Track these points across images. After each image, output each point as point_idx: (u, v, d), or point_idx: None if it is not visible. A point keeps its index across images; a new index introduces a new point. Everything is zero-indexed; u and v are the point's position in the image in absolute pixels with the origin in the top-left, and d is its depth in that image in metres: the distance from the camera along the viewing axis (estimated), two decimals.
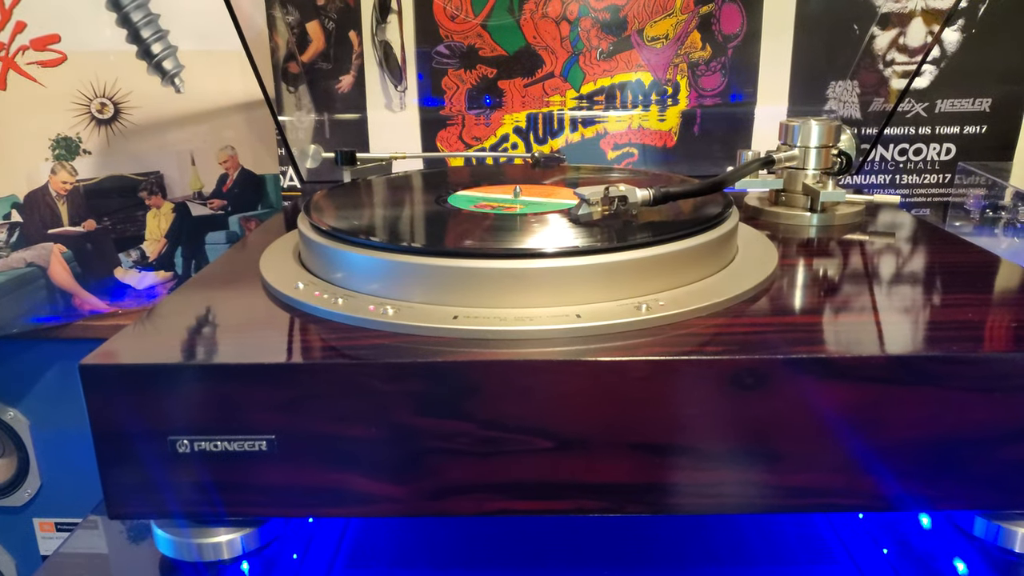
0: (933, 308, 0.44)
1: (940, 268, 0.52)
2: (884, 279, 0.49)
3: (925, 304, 0.45)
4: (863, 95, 0.87)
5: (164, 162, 0.84)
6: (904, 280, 0.49)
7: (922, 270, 0.51)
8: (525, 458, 0.39)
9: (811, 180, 0.62)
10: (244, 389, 0.38)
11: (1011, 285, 0.48)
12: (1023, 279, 0.48)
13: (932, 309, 0.44)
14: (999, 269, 0.51)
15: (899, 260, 0.53)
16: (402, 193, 0.62)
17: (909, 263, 0.53)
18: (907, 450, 0.38)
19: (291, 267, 0.51)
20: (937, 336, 0.40)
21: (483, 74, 0.87)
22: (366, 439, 0.39)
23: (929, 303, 0.45)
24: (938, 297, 0.46)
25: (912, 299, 0.45)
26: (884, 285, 0.48)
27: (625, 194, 0.47)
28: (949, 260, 0.53)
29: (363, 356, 0.38)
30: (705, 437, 0.39)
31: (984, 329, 0.41)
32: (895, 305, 0.45)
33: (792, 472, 0.39)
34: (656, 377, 0.38)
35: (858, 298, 0.46)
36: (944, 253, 0.55)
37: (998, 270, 0.50)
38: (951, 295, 0.46)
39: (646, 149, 0.90)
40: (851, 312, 0.44)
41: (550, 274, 0.42)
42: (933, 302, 0.45)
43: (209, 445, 0.39)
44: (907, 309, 0.44)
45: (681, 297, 0.43)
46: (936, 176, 0.90)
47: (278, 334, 0.42)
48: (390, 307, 0.42)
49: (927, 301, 0.45)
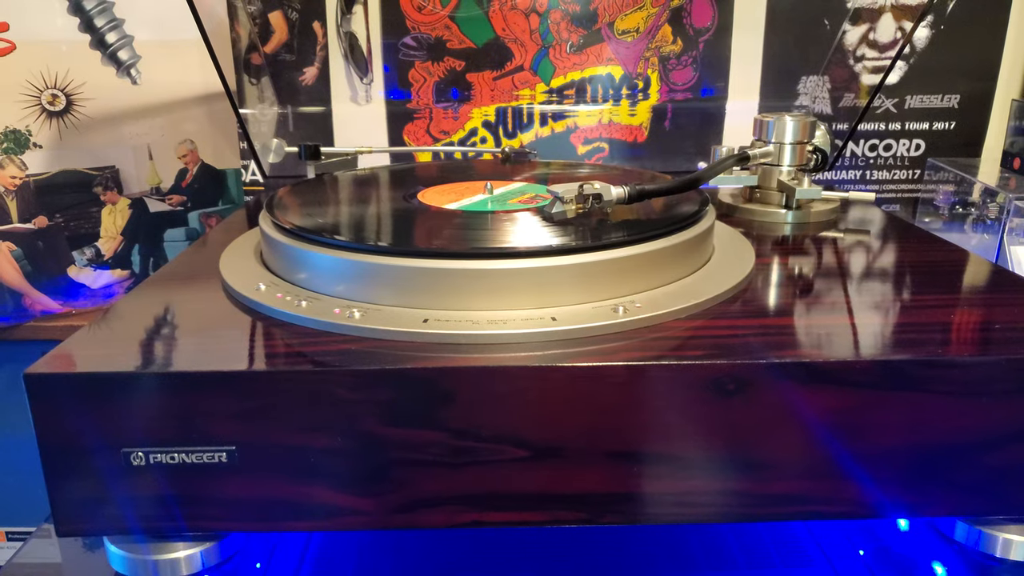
0: (914, 309, 0.43)
1: (919, 268, 0.51)
2: (863, 279, 0.49)
3: (906, 305, 0.44)
4: (834, 90, 0.87)
5: (120, 156, 0.81)
6: (883, 280, 0.48)
7: (901, 270, 0.51)
8: (499, 468, 0.37)
9: (786, 177, 0.61)
10: (202, 398, 0.36)
11: (992, 286, 0.47)
12: (1004, 280, 0.48)
13: (913, 310, 0.43)
14: (978, 269, 0.50)
15: (877, 259, 0.53)
16: (369, 190, 0.60)
17: (888, 263, 0.52)
18: (889, 456, 0.38)
19: (252, 267, 0.49)
20: (919, 339, 0.39)
21: (451, 67, 0.85)
22: (332, 450, 0.37)
23: (910, 304, 0.44)
24: (918, 298, 0.45)
25: (892, 300, 0.45)
26: (863, 285, 0.47)
27: (600, 192, 0.46)
28: (927, 259, 0.52)
29: (328, 362, 0.37)
30: (684, 444, 0.38)
31: (967, 331, 0.40)
32: (875, 306, 0.44)
33: (773, 480, 0.38)
34: (634, 383, 0.36)
35: (837, 299, 0.45)
36: (922, 252, 0.54)
37: (978, 270, 0.50)
38: (931, 296, 0.46)
39: (616, 144, 0.89)
40: (831, 314, 0.43)
41: (524, 275, 0.41)
42: (913, 303, 0.44)
43: (166, 457, 0.37)
44: (887, 310, 0.43)
45: (658, 298, 0.42)
46: (906, 172, 0.90)
47: (238, 339, 0.40)
48: (357, 310, 0.41)
49: (908, 302, 0.45)
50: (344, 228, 0.48)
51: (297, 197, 0.55)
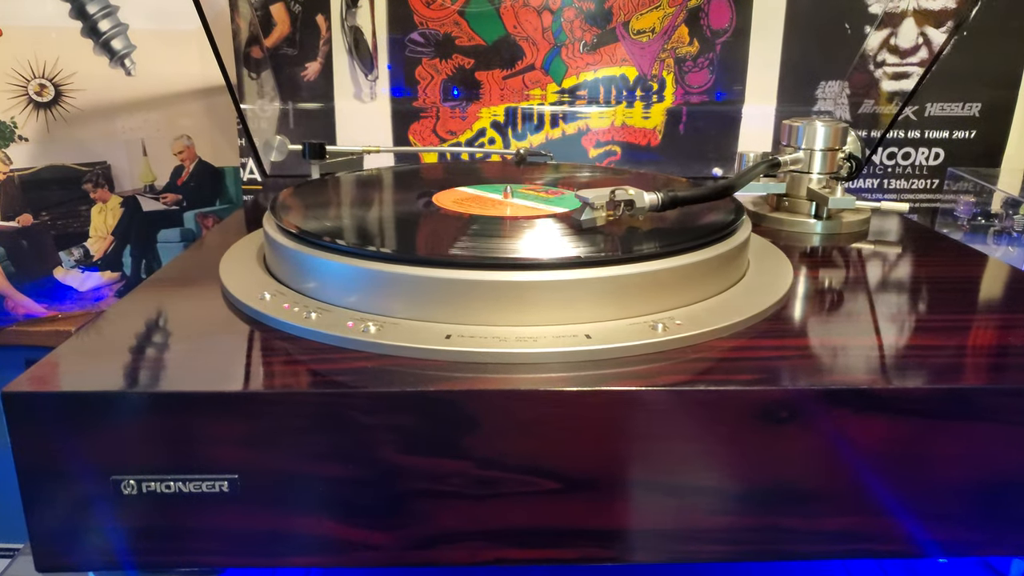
0: (975, 331, 0.40)
1: (970, 285, 0.48)
2: (910, 296, 0.45)
3: (964, 326, 0.41)
4: (853, 96, 0.84)
5: (112, 152, 0.78)
6: (934, 297, 0.45)
7: (952, 287, 0.47)
8: (527, 501, 0.34)
9: (816, 185, 0.58)
10: (202, 421, 0.33)
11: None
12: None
13: (974, 332, 0.40)
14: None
15: (921, 274, 0.49)
16: (380, 191, 0.56)
17: (933, 277, 0.49)
18: (952, 491, 0.35)
19: (255, 274, 0.45)
20: (986, 364, 0.36)
21: (459, 64, 0.82)
22: (344, 479, 0.34)
23: (969, 325, 0.41)
24: (976, 318, 0.42)
25: (948, 320, 0.42)
26: (912, 302, 0.44)
27: (633, 198, 0.43)
28: (972, 274, 0.49)
29: (341, 383, 0.34)
30: (728, 476, 0.35)
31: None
32: (929, 326, 0.41)
33: (822, 515, 0.35)
34: (678, 409, 0.33)
35: (887, 317, 0.42)
36: (968, 267, 0.51)
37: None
38: (990, 316, 0.42)
39: (629, 147, 0.85)
40: (883, 334, 0.40)
41: (555, 288, 0.38)
42: (973, 324, 0.41)
43: (160, 486, 0.34)
44: (945, 331, 0.40)
45: (699, 315, 0.39)
46: (924, 181, 0.87)
47: (241, 355, 0.37)
48: (372, 324, 0.37)
49: (966, 323, 0.41)
50: (358, 233, 0.44)
51: (304, 198, 0.51)
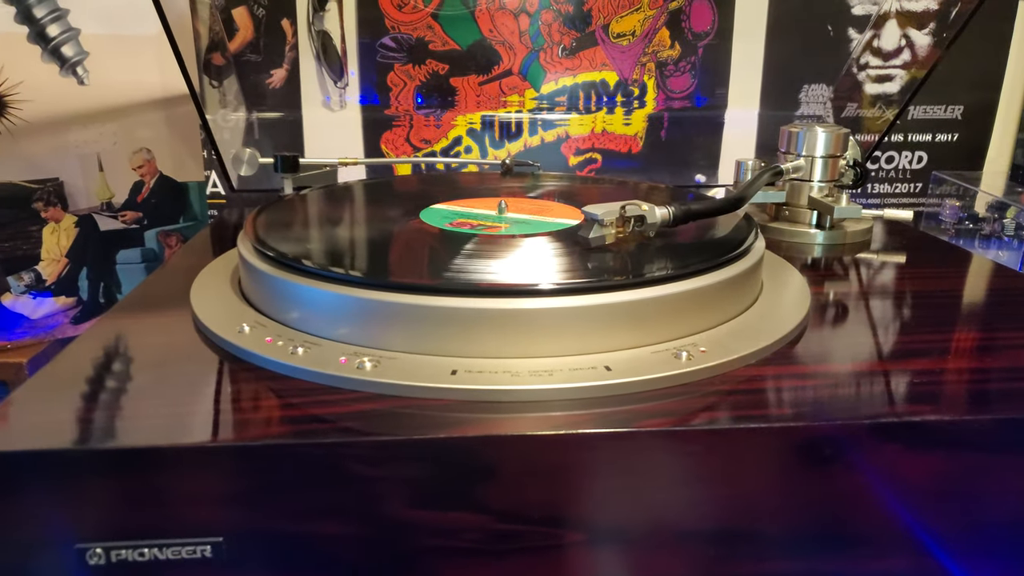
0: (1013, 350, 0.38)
1: (1002, 298, 0.45)
2: (942, 313, 0.43)
3: (1011, 345, 0.38)
4: (836, 100, 0.83)
5: (64, 167, 0.73)
6: (967, 314, 0.42)
7: (983, 301, 0.45)
8: (551, 555, 0.31)
9: (817, 193, 0.56)
10: (178, 478, 0.29)
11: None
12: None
13: (1014, 351, 0.38)
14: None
15: (946, 288, 0.47)
16: (364, 208, 0.52)
17: (960, 292, 0.46)
18: (1012, 530, 0.32)
19: (231, 302, 0.41)
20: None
21: (433, 70, 0.79)
22: (345, 537, 0.30)
23: (1008, 344, 0.39)
24: (1015, 337, 0.40)
25: (990, 338, 0.39)
26: (947, 321, 0.42)
27: (645, 214, 0.40)
28: (1003, 287, 0.47)
29: (336, 430, 0.30)
30: (768, 519, 0.32)
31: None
32: (971, 347, 0.38)
33: (871, 558, 0.32)
34: (716, 449, 0.30)
35: (920, 338, 0.39)
36: (990, 279, 0.49)
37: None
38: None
39: (610, 155, 0.83)
40: (922, 357, 0.37)
41: (571, 315, 0.34)
42: (1013, 344, 0.39)
43: (133, 554, 0.30)
44: (990, 352, 0.37)
45: (722, 340, 0.36)
46: (908, 185, 0.86)
47: (220, 399, 0.33)
48: (368, 359, 0.34)
49: (1011, 341, 0.39)
50: (348, 257, 0.40)
51: (282, 216, 0.47)
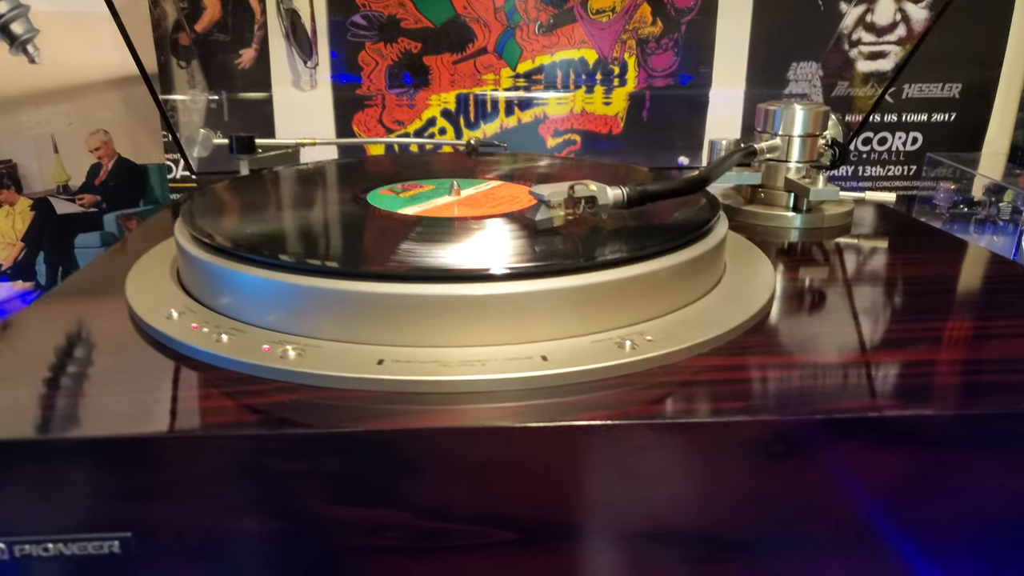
0: (995, 342, 0.35)
1: (978, 285, 0.43)
2: (916, 301, 0.41)
3: (982, 336, 0.36)
4: (827, 78, 0.80)
5: (17, 149, 0.71)
6: (942, 302, 0.40)
7: (958, 289, 0.42)
8: (480, 555, 0.29)
9: (794, 174, 0.53)
10: (87, 471, 0.28)
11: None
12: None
13: (994, 343, 0.35)
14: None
15: (923, 275, 0.44)
16: (310, 190, 0.50)
17: (937, 279, 0.44)
18: (977, 531, 0.30)
19: (167, 288, 0.39)
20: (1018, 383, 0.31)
21: (406, 49, 0.76)
22: (261, 535, 0.29)
23: (988, 334, 0.36)
24: (994, 326, 0.37)
25: (963, 328, 0.37)
26: (919, 310, 0.39)
27: (595, 194, 0.37)
28: (981, 274, 0.45)
29: (252, 422, 0.28)
30: (715, 520, 0.30)
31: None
32: (943, 337, 0.36)
33: (825, 561, 0.30)
34: (655, 446, 0.28)
35: (890, 327, 0.37)
36: (971, 266, 0.46)
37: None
38: (1010, 322, 0.38)
39: (589, 136, 0.80)
40: (888, 348, 0.35)
41: (506, 302, 0.32)
42: (991, 333, 0.36)
43: (37, 549, 0.28)
44: (961, 343, 0.35)
45: (673, 329, 0.34)
46: (901, 168, 0.83)
47: (136, 388, 0.31)
48: (292, 348, 0.32)
49: (983, 331, 0.36)
50: (275, 240, 0.38)
51: (219, 200, 0.45)
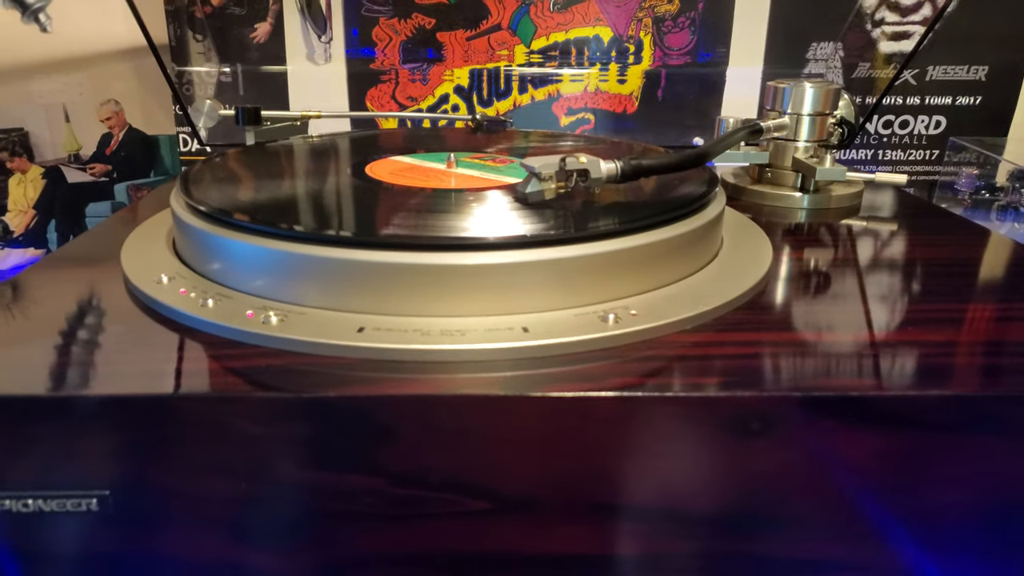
0: (986, 324, 0.35)
1: (978, 268, 0.42)
2: (913, 282, 0.40)
3: (974, 318, 0.35)
4: (848, 58, 0.78)
5: (29, 117, 0.71)
6: (939, 284, 0.39)
7: (957, 271, 0.41)
8: (453, 523, 0.29)
9: (802, 154, 0.52)
10: (67, 429, 0.28)
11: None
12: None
13: (985, 325, 0.34)
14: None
15: (924, 257, 0.43)
16: (308, 161, 0.50)
17: (938, 261, 0.43)
18: (958, 516, 0.29)
19: (161, 254, 0.40)
20: (1004, 365, 0.30)
21: (419, 24, 0.76)
22: (236, 498, 0.29)
23: (979, 316, 0.35)
24: (987, 308, 0.36)
25: (955, 310, 0.36)
26: (915, 291, 0.39)
27: (586, 167, 0.37)
28: (984, 257, 0.44)
29: (231, 385, 0.28)
30: (689, 496, 0.30)
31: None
32: (934, 319, 0.35)
33: (804, 541, 0.30)
34: (630, 419, 0.28)
35: (885, 308, 0.36)
36: (975, 248, 0.45)
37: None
38: (1003, 305, 0.37)
39: (603, 115, 0.79)
40: (879, 329, 0.34)
41: (488, 272, 0.32)
42: (983, 315, 0.36)
43: (16, 504, 0.29)
44: (951, 324, 0.34)
45: (658, 304, 0.34)
46: (923, 152, 0.81)
47: (123, 349, 0.32)
48: (274, 314, 0.32)
49: (975, 314, 0.36)
50: (263, 207, 0.38)
51: (216, 170, 0.45)
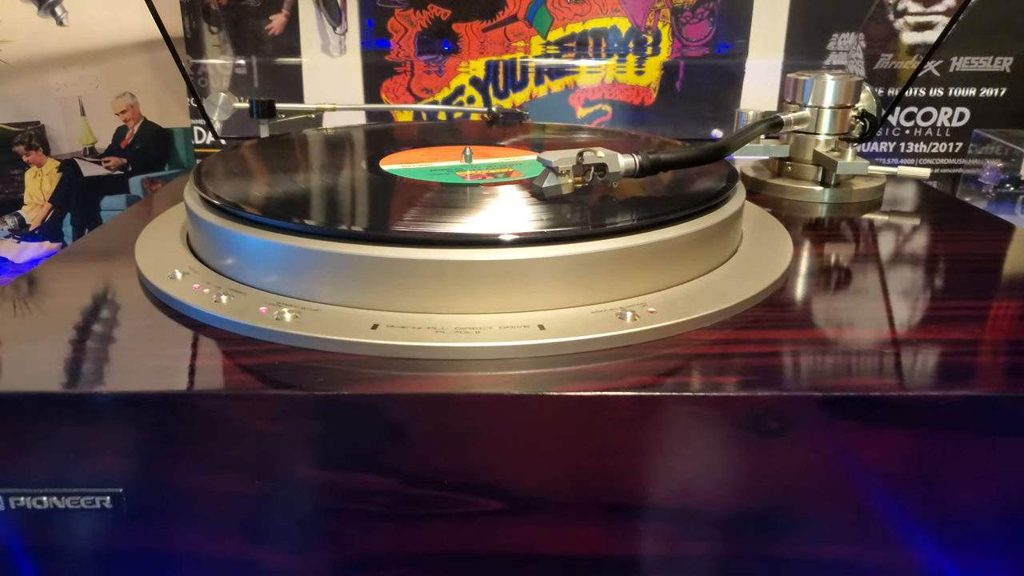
0: (1014, 324, 0.34)
1: (1007, 265, 0.41)
2: (935, 279, 0.39)
3: (998, 315, 0.34)
4: (869, 49, 0.77)
5: (45, 110, 0.71)
6: (962, 281, 0.38)
7: (980, 267, 0.40)
8: (466, 523, 0.29)
9: (823, 147, 0.51)
10: (82, 427, 0.28)
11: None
12: None
13: (1013, 325, 0.34)
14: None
15: (947, 252, 0.43)
16: (322, 155, 0.50)
17: (961, 257, 0.42)
18: (979, 518, 0.29)
19: (175, 248, 0.39)
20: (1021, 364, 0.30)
21: (435, 15, 0.75)
22: (248, 496, 0.29)
23: (1008, 316, 0.35)
24: (1017, 308, 0.35)
25: (978, 308, 0.35)
26: (937, 287, 0.38)
27: (604, 161, 0.36)
28: (1008, 252, 0.43)
29: (244, 382, 0.28)
30: (706, 497, 0.29)
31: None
32: (956, 316, 0.34)
33: (821, 544, 0.29)
34: (647, 418, 0.28)
35: (907, 305, 0.36)
36: (999, 243, 0.44)
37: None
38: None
39: (621, 107, 0.79)
40: (900, 327, 0.33)
41: (504, 268, 0.32)
42: (1012, 315, 0.35)
43: (31, 502, 0.29)
44: (974, 322, 0.34)
45: (676, 302, 0.33)
46: (947, 144, 0.80)
47: (137, 346, 0.31)
48: (288, 310, 0.32)
49: (999, 311, 0.35)
50: (276, 202, 0.38)
51: (229, 163, 0.45)
